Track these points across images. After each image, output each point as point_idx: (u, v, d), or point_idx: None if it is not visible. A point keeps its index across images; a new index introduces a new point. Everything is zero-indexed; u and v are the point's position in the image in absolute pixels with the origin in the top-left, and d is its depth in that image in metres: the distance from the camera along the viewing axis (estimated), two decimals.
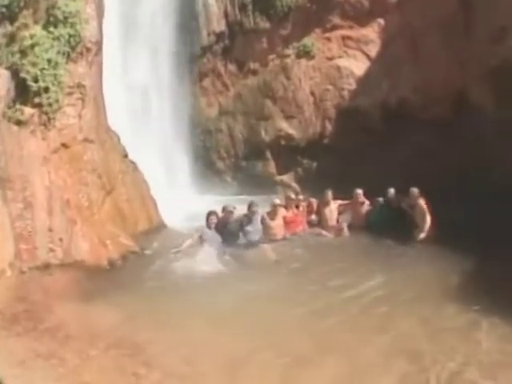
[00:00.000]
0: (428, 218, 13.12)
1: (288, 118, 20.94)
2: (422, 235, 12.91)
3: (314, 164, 20.62)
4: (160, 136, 20.90)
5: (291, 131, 20.82)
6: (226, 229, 12.79)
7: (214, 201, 17.86)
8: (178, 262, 11.54)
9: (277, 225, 13.58)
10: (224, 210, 12.96)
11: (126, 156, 14.50)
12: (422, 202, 13.36)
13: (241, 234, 12.91)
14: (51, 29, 12.54)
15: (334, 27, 20.68)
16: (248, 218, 13.06)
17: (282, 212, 13.83)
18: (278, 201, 13.88)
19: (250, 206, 13.15)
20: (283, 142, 20.96)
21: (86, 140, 12.56)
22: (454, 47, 17.61)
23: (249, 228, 12.98)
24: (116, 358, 6.84)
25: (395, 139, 18.19)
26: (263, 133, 21.25)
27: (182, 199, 17.84)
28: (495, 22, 15.61)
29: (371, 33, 20.10)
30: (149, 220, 14.33)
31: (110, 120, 14.44)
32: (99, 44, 13.82)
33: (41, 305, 8.79)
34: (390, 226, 13.28)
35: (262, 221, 13.38)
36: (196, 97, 22.91)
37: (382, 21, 19.96)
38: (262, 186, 20.18)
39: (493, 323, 8.02)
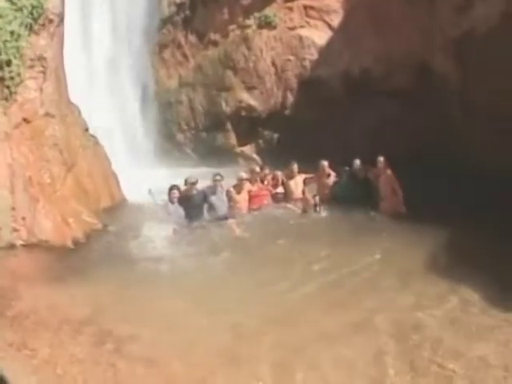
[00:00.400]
0: (397, 187, 12.88)
1: (249, 88, 20.59)
2: (401, 208, 12.66)
3: (275, 135, 20.32)
4: (120, 109, 20.56)
5: (252, 102, 20.47)
6: (190, 202, 12.17)
7: (174, 174, 17.28)
8: (141, 240, 11.09)
9: (242, 199, 13.12)
10: (186, 182, 12.29)
11: (86, 130, 13.92)
12: (388, 171, 13.03)
13: (205, 207, 12.37)
14: (14, 0, 11.91)
15: None
16: (212, 189, 12.55)
17: (247, 186, 13.37)
18: (244, 174, 13.39)
19: (213, 177, 12.71)
20: (244, 114, 20.60)
21: (47, 114, 11.80)
22: (418, 17, 17.30)
23: (213, 200, 12.43)
24: (88, 347, 6.46)
25: (358, 110, 18.00)
26: (224, 104, 20.89)
27: (143, 173, 17.21)
28: None
29: (334, 3, 19.75)
30: (111, 196, 13.86)
31: (70, 92, 13.74)
32: (61, 15, 13.09)
33: (8, 289, 8.19)
34: (356, 197, 12.92)
35: (228, 194, 12.90)
36: (156, 69, 22.50)
37: None
38: (223, 158, 19.83)
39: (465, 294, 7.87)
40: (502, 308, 7.21)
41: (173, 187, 12.13)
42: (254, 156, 20.56)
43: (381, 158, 13.16)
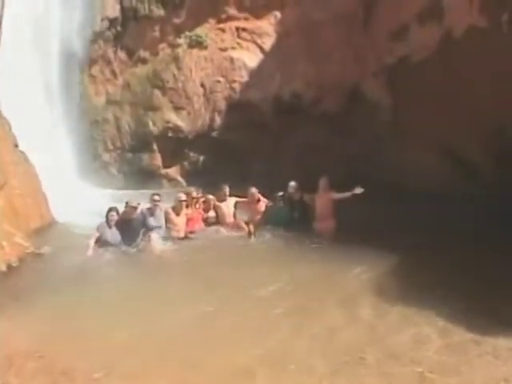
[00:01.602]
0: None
1: (177, 109, 19.76)
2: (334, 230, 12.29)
3: (202, 158, 19.53)
4: (46, 125, 19.67)
5: (180, 123, 19.64)
6: (129, 225, 11.48)
7: (100, 195, 17.75)
8: (75, 263, 10.52)
9: (181, 221, 12.36)
10: (127, 205, 11.61)
11: (16, 146, 13.21)
12: (331, 193, 12.52)
13: (142, 232, 11.69)
14: None
15: (229, 18, 19.60)
16: (150, 210, 11.89)
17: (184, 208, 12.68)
18: (182, 196, 12.57)
19: (152, 197, 12.09)
20: (171, 134, 19.75)
21: None
22: (352, 43, 16.65)
23: (151, 222, 11.78)
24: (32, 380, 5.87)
25: (287, 134, 17.47)
26: (151, 124, 19.98)
27: (69, 193, 16.69)
28: (396, 19, 14.71)
29: (266, 25, 19.01)
30: (41, 216, 13.20)
31: None
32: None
33: None
34: (290, 220, 12.65)
35: (166, 216, 12.18)
36: (84, 85, 21.52)
37: (278, 13, 18.90)
38: (148, 180, 19.31)
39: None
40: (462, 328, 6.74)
41: (111, 209, 11.48)
42: (179, 178, 19.74)
43: (324, 179, 12.66)
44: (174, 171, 19.88)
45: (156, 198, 11.99)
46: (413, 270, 9.12)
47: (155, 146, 19.97)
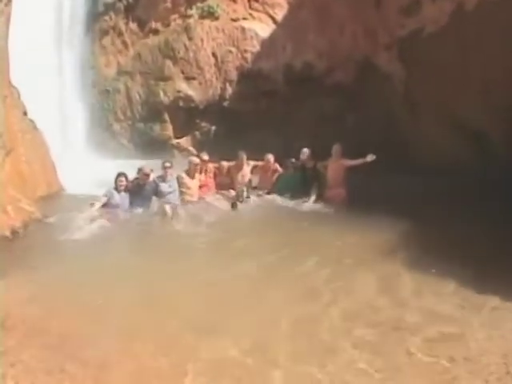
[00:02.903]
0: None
1: (188, 79, 19.62)
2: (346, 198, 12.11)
3: (213, 128, 19.47)
4: (57, 95, 19.53)
5: (191, 92, 19.50)
6: (141, 192, 11.28)
7: (110, 165, 16.91)
8: (82, 229, 10.06)
9: (195, 185, 12.10)
10: (140, 171, 11.42)
11: (25, 114, 12.84)
12: (343, 160, 12.32)
13: (154, 198, 11.44)
14: None
15: None
16: (162, 177, 11.61)
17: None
18: (196, 159, 12.34)
19: (163, 164, 11.79)
20: (182, 104, 19.62)
21: None
22: (363, 16, 16.42)
23: (164, 188, 11.49)
24: (38, 352, 5.55)
25: (299, 104, 17.32)
26: (162, 94, 19.82)
27: (78, 163, 16.49)
28: None
29: None
30: (48, 184, 12.81)
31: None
32: None
33: None
34: (301, 187, 12.37)
35: (179, 180, 11.89)
36: (96, 56, 21.33)
37: None
38: (159, 150, 18.95)
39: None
40: (479, 294, 6.63)
41: (120, 174, 11.16)
42: (190, 148, 19.60)
43: (337, 146, 12.46)
44: (185, 141, 19.82)
45: (167, 164, 11.77)
46: (422, 238, 9.03)
47: (166, 116, 19.86)
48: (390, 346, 5.40)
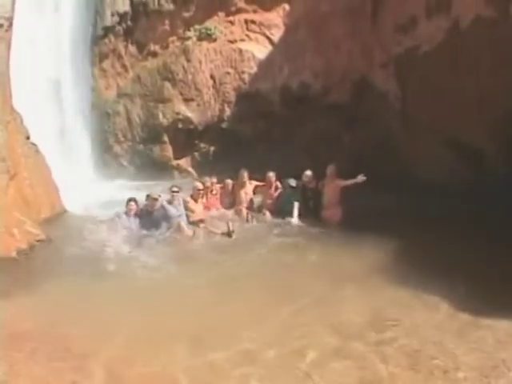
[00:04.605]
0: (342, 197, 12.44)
1: (187, 100, 19.83)
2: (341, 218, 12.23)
3: (212, 148, 19.70)
4: (58, 118, 19.82)
5: (189, 114, 19.73)
6: (150, 217, 11.59)
7: (111, 186, 17.85)
8: (88, 249, 10.52)
9: (199, 208, 12.57)
10: (148, 197, 11.75)
11: (28, 138, 13.08)
12: (337, 180, 12.42)
13: (164, 224, 11.68)
14: None
15: (238, 11, 19.74)
16: (170, 201, 11.96)
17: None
18: (199, 184, 12.77)
19: (171, 189, 12.20)
20: (181, 126, 19.85)
21: None
22: (359, 34, 16.71)
23: (172, 211, 11.79)
24: (46, 363, 5.86)
25: (296, 124, 17.55)
26: (161, 116, 20.04)
27: (80, 184, 16.78)
28: (404, 11, 14.69)
29: (275, 17, 19.20)
30: (51, 206, 13.02)
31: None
32: (10, 20, 12.45)
33: None
34: (301, 207, 12.54)
35: (185, 204, 12.30)
36: (95, 79, 21.48)
37: (287, 6, 19.10)
38: (159, 171, 19.42)
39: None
40: (468, 311, 6.83)
41: (131, 199, 11.66)
42: (190, 169, 19.93)
43: (332, 167, 12.61)
44: (184, 162, 20.02)
45: (175, 189, 12.11)
46: (416, 256, 9.08)
47: (166, 138, 20.06)
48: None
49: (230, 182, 13.44)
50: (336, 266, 9.12)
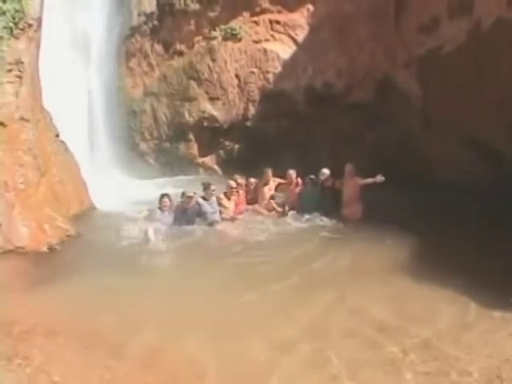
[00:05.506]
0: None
1: (212, 99, 20.07)
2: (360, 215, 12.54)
3: (237, 146, 19.94)
4: (85, 116, 20.09)
5: (215, 113, 19.97)
6: (184, 214, 12.17)
7: (137, 183, 18.22)
8: (118, 244, 10.96)
9: (231, 206, 13.04)
10: (183, 195, 12.35)
11: (57, 136, 13.52)
12: (356, 178, 12.66)
13: (197, 220, 12.32)
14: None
15: (263, 11, 19.90)
16: (205, 199, 12.54)
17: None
18: (233, 183, 13.23)
19: (206, 188, 12.66)
20: (206, 124, 20.09)
21: (22, 119, 11.53)
22: (382, 35, 16.96)
23: (207, 208, 12.39)
24: (80, 351, 6.24)
25: (319, 123, 17.73)
26: (187, 114, 20.29)
27: (107, 181, 17.04)
28: (426, 13, 14.89)
29: (299, 17, 19.36)
30: (80, 202, 13.47)
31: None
32: (39, 20, 12.86)
33: None
34: (319, 205, 12.88)
35: (218, 201, 12.79)
36: (122, 77, 21.77)
37: (311, 6, 19.25)
38: (184, 169, 19.81)
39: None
40: (482, 307, 7.06)
41: (164, 195, 12.14)
42: (215, 167, 20.20)
43: (349, 165, 12.85)
44: (209, 160, 20.28)
45: (212, 187, 12.61)
46: (435, 254, 9.34)
47: (191, 136, 20.32)
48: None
49: (253, 180, 13.91)
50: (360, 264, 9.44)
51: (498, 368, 5.45)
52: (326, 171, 13.15)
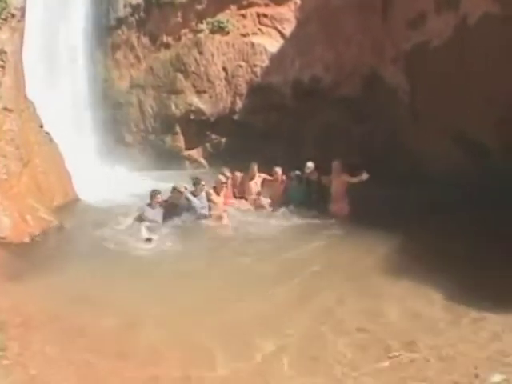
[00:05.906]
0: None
1: (199, 92, 20.09)
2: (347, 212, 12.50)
3: (223, 140, 19.99)
4: (71, 108, 19.89)
5: (202, 106, 19.99)
6: (174, 209, 12.05)
7: (123, 175, 18.13)
8: (100, 235, 10.91)
9: (220, 200, 13.01)
10: (174, 190, 12.16)
11: (41, 126, 13.47)
12: (343, 176, 12.66)
13: (186, 214, 12.20)
14: None
15: (250, 4, 19.93)
16: (194, 194, 12.41)
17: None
18: (222, 178, 13.18)
19: (196, 183, 12.55)
20: (193, 117, 20.11)
21: (5, 109, 11.48)
22: (370, 29, 16.95)
23: (197, 203, 12.27)
24: (58, 344, 6.12)
25: (306, 117, 17.80)
26: (173, 107, 20.31)
27: (92, 173, 16.95)
28: (414, 7, 14.93)
29: (287, 11, 19.38)
30: (64, 194, 13.38)
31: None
32: (23, 10, 12.83)
33: None
34: (306, 199, 12.94)
35: (208, 196, 12.71)
36: (108, 69, 21.75)
37: (298, 0, 19.27)
38: (170, 161, 19.72)
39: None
40: (463, 305, 7.02)
41: (155, 191, 11.95)
42: (201, 160, 20.25)
43: (336, 162, 12.82)
44: (196, 153, 20.32)
45: (202, 183, 12.54)
46: (419, 250, 9.36)
47: (178, 129, 20.32)
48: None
49: (238, 174, 13.87)
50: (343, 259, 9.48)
51: (475, 368, 5.44)
52: (310, 164, 13.15)
